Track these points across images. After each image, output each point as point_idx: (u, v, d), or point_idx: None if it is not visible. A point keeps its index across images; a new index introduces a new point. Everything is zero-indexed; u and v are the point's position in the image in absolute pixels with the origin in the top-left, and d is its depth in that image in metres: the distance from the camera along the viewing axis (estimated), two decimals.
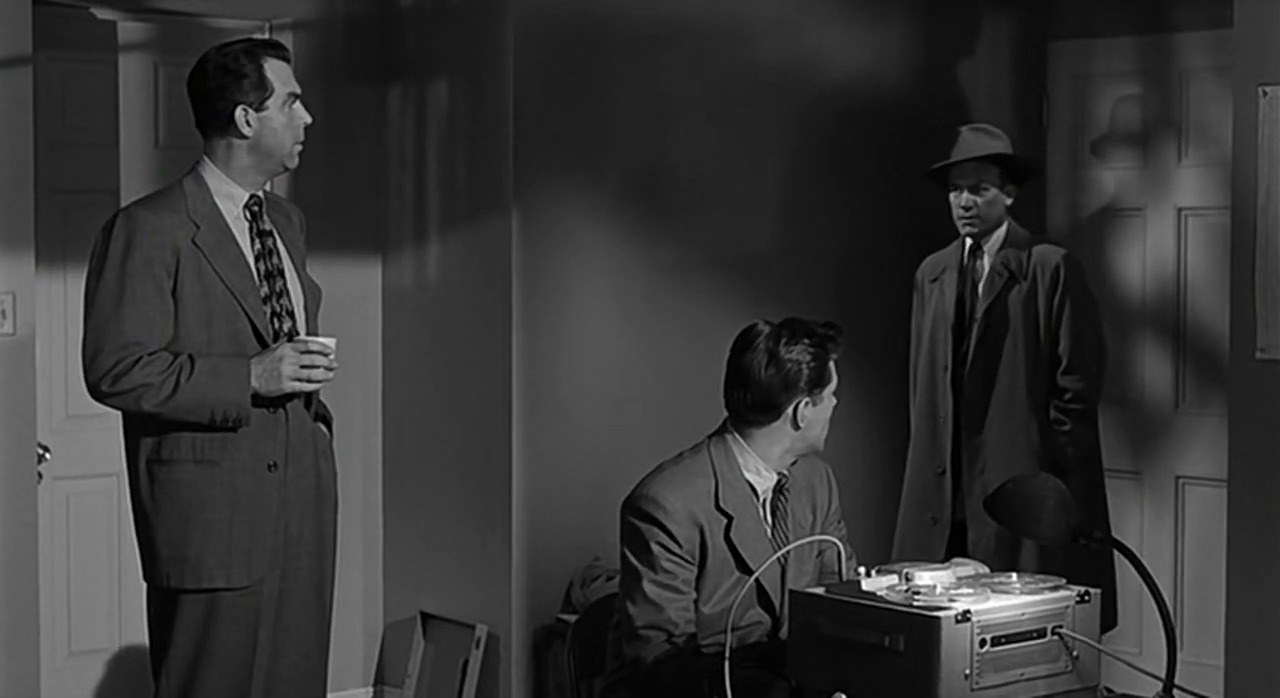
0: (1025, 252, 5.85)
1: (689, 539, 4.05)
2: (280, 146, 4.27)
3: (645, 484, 4.13)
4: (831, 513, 4.31)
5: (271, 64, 4.27)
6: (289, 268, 4.34)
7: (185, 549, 4.19)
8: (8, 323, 5.52)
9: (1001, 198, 5.88)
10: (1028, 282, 5.81)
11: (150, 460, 4.21)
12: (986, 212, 5.87)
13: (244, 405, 4.15)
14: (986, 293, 5.86)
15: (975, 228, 5.87)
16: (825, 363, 4.11)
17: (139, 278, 4.13)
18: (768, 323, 4.14)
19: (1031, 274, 5.81)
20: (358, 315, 6.32)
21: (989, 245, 5.92)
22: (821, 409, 4.14)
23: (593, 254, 6.04)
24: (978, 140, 5.90)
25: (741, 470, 4.15)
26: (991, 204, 5.87)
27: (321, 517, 4.36)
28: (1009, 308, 5.83)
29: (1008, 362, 5.83)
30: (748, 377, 4.10)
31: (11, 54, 5.50)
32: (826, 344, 4.11)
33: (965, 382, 5.87)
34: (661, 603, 4.01)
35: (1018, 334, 5.81)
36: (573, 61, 5.98)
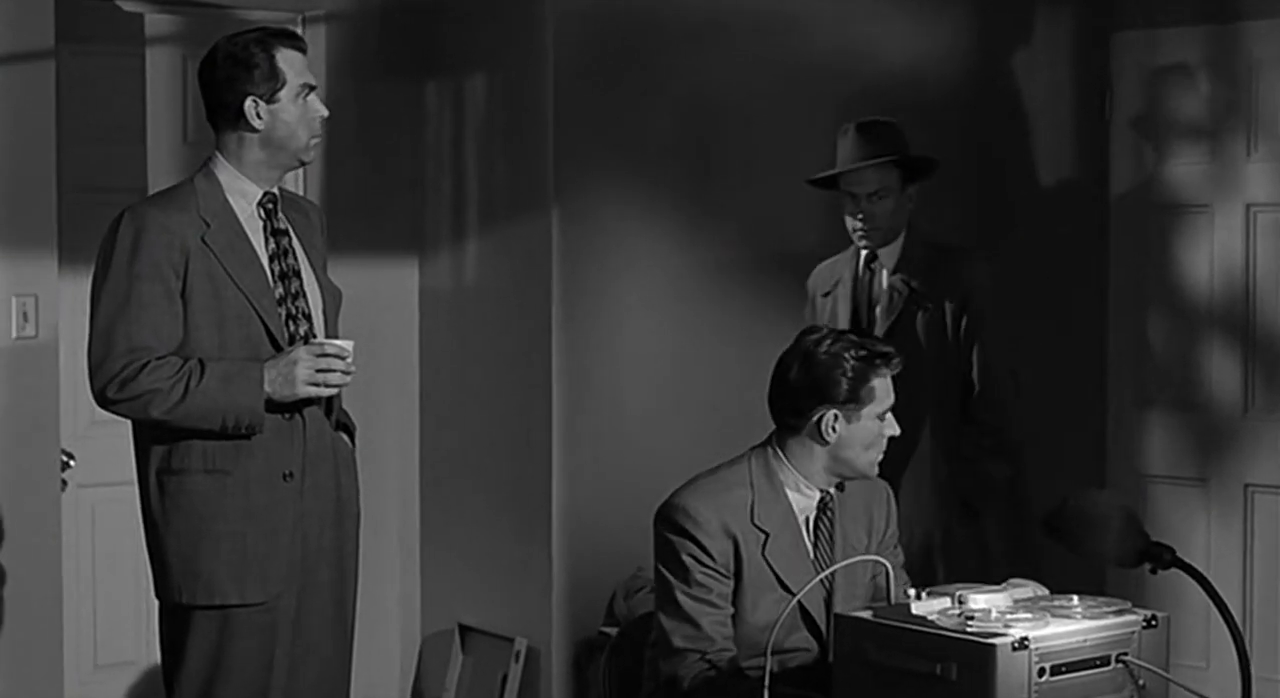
0: (930, 262, 5.22)
1: (722, 552, 3.91)
2: (294, 140, 4.12)
3: (677, 494, 4.00)
4: (888, 537, 4.14)
5: (284, 54, 4.12)
6: (306, 268, 4.20)
7: (196, 564, 4.04)
8: (29, 325, 5.40)
9: (905, 203, 5.28)
10: (935, 299, 5.20)
11: (160, 470, 4.07)
12: (890, 222, 5.24)
13: (257, 412, 4.00)
14: (886, 312, 5.21)
15: (876, 241, 5.25)
16: (866, 379, 3.92)
17: (146, 280, 3.99)
18: (828, 327, 4.01)
19: (938, 289, 5.20)
20: (394, 318, 6.22)
21: (887, 256, 5.27)
22: (857, 430, 3.94)
23: (636, 254, 5.91)
24: (874, 140, 5.24)
25: (782, 486, 3.98)
26: (894, 213, 5.25)
27: (342, 530, 4.21)
28: (913, 329, 5.18)
29: (911, 390, 5.20)
30: (783, 375, 3.99)
31: (33, 48, 5.40)
32: (874, 361, 3.93)
33: None
34: (696, 616, 3.88)
35: (923, 358, 5.12)
36: (615, 53, 5.85)
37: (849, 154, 5.26)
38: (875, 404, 3.93)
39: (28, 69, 5.37)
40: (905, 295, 5.19)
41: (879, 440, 3.96)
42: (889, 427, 3.97)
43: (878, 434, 3.95)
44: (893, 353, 3.95)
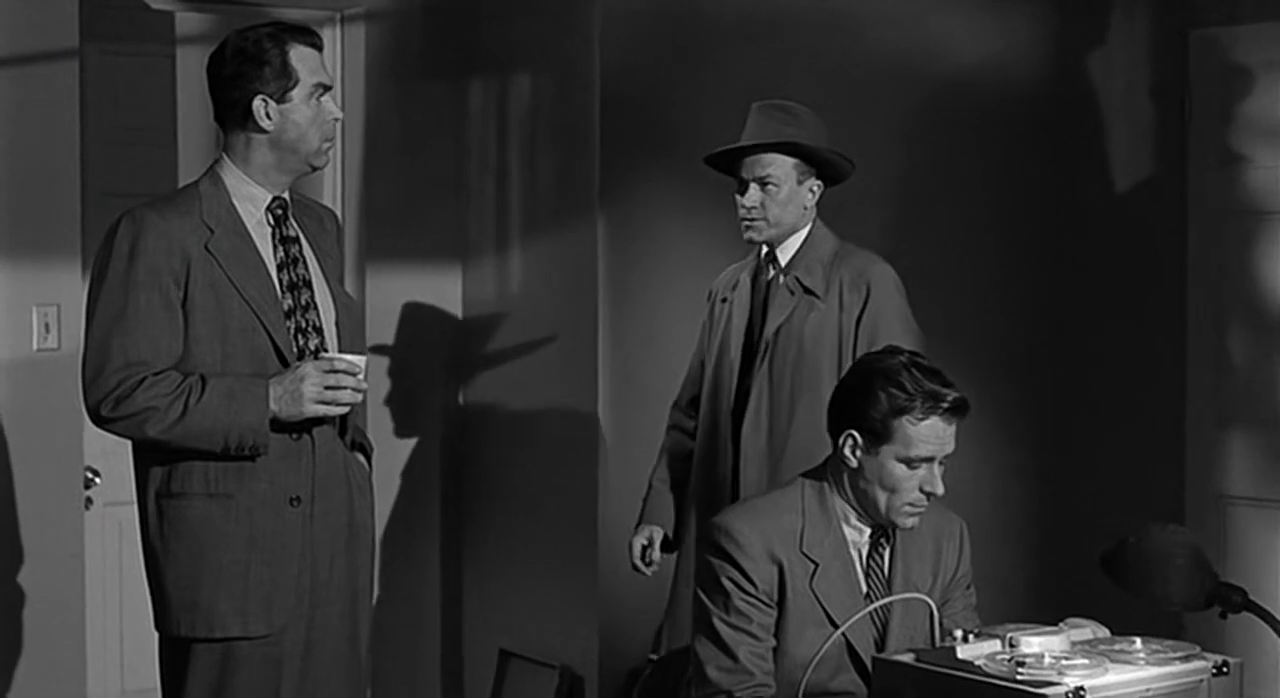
0: (831, 264, 4.78)
1: (766, 579, 3.67)
2: (304, 143, 3.91)
3: (722, 515, 3.78)
4: (958, 578, 3.87)
5: (298, 51, 3.91)
6: (318, 278, 3.98)
7: (197, 594, 3.83)
8: (51, 337, 5.25)
9: (800, 196, 4.80)
10: (830, 302, 4.73)
11: (159, 494, 3.87)
12: (777, 213, 4.78)
13: (261, 432, 3.79)
14: (775, 315, 4.77)
15: (759, 234, 4.78)
16: (895, 415, 3.62)
17: (144, 289, 3.79)
18: (909, 351, 3.75)
19: (838, 293, 4.74)
20: (436, 329, 6.09)
21: (783, 255, 4.83)
22: (875, 466, 3.66)
23: (687, 262, 5.71)
24: (769, 122, 4.82)
25: (835, 516, 3.74)
26: (784, 204, 4.78)
27: (355, 558, 4.00)
28: (802, 336, 4.73)
29: (798, 398, 4.71)
30: (834, 390, 3.82)
31: (56, 47, 5.27)
32: (917, 399, 3.62)
33: (747, 428, 4.78)
34: (733, 646, 3.65)
35: (815, 369, 4.70)
36: (665, 52, 5.70)
37: (744, 135, 4.83)
38: (900, 446, 3.63)
39: (50, 69, 5.25)
40: (798, 296, 4.75)
41: (904, 488, 3.66)
42: (924, 480, 3.66)
43: (901, 480, 3.66)
44: (948, 401, 3.63)
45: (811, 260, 4.79)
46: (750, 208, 4.77)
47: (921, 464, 3.63)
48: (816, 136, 4.83)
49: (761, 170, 4.78)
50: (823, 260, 4.79)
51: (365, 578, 4.02)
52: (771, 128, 4.79)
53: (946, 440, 3.64)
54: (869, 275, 4.75)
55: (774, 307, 4.77)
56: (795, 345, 4.71)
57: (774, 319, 4.75)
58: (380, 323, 5.90)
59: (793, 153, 4.77)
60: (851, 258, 4.81)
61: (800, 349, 4.71)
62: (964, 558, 3.86)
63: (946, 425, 3.63)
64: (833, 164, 4.83)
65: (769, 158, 4.77)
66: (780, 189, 4.77)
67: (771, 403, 4.73)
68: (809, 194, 4.82)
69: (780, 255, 4.81)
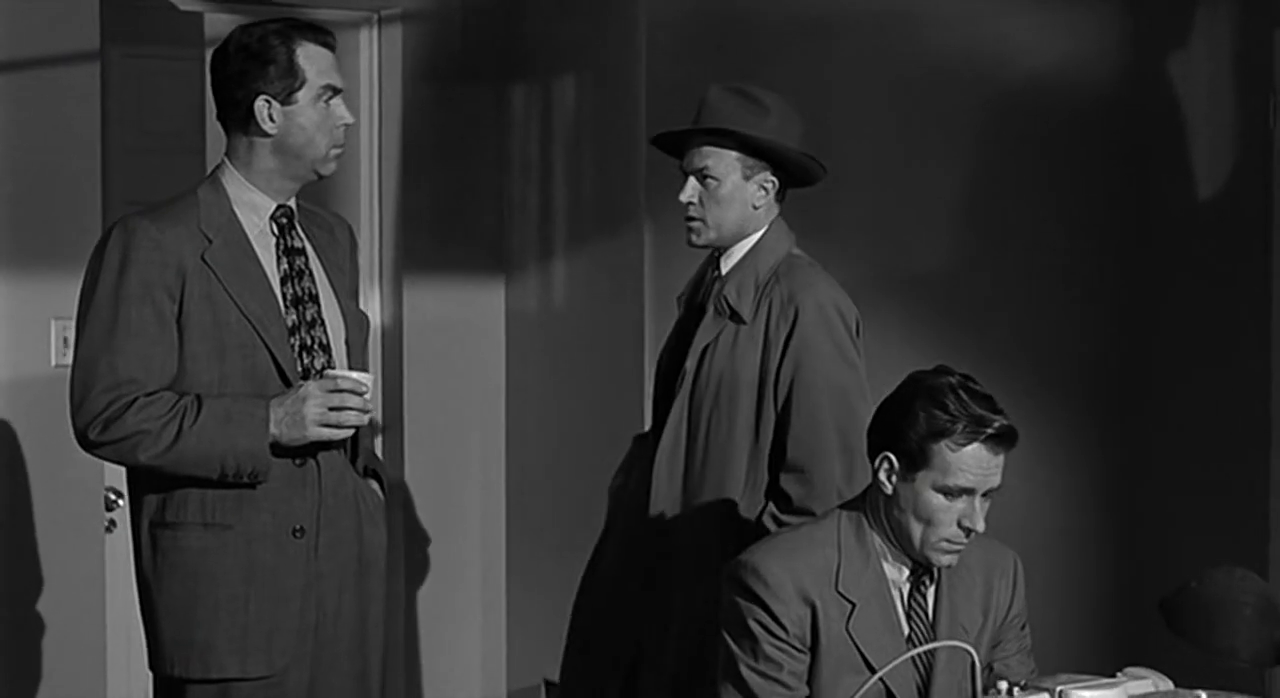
0: (768, 283, 4.16)
1: (797, 622, 3.43)
2: (311, 149, 3.71)
3: (751, 551, 3.52)
4: (1011, 618, 3.61)
5: (307, 49, 3.71)
6: (326, 293, 3.78)
7: (192, 631, 3.64)
8: (70, 352, 5.04)
9: (745, 194, 4.19)
10: (755, 330, 4.13)
11: (154, 523, 3.67)
12: (717, 214, 4.18)
13: (261, 457, 3.58)
14: (699, 338, 4.17)
15: (697, 236, 4.20)
16: (933, 440, 3.36)
17: (135, 303, 3.59)
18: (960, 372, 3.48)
19: (765, 320, 4.12)
20: (478, 343, 5.99)
21: (725, 264, 4.22)
22: (909, 494, 3.40)
23: None
24: (721, 108, 4.20)
25: (874, 552, 3.49)
26: (725, 203, 4.17)
27: (365, 593, 3.79)
28: (728, 356, 4.14)
29: (714, 438, 4.15)
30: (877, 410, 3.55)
31: (76, 49, 5.17)
32: (958, 422, 3.36)
33: (660, 464, 4.22)
34: (763, 696, 3.42)
35: (730, 410, 4.13)
36: (714, 54, 5.55)
37: (693, 120, 4.26)
38: (938, 473, 3.37)
39: (71, 73, 5.15)
40: (723, 321, 4.16)
41: (941, 521, 3.39)
42: (964, 514, 3.38)
43: (938, 511, 3.39)
44: (994, 427, 3.37)
45: (746, 276, 4.16)
46: (687, 204, 4.19)
47: (961, 496, 3.37)
48: (780, 129, 4.19)
49: (700, 162, 4.17)
50: (759, 277, 4.16)
51: (377, 614, 3.83)
52: (723, 114, 4.18)
53: (990, 472, 3.37)
54: (799, 300, 4.10)
55: (702, 326, 4.17)
56: (716, 376, 4.12)
57: (698, 342, 4.16)
58: (418, 339, 5.79)
59: (738, 143, 4.15)
60: (789, 277, 4.16)
61: (720, 382, 4.12)
62: (1018, 596, 3.61)
63: (991, 455, 3.36)
64: (791, 161, 4.21)
65: (709, 149, 4.16)
66: (720, 185, 4.16)
67: (688, 438, 4.17)
68: (758, 193, 4.18)
69: (724, 264, 4.21)
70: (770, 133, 4.16)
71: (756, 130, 4.14)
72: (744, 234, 4.18)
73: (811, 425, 4.06)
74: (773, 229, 4.22)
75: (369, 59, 5.77)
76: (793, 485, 4.05)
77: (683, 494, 4.15)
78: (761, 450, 4.10)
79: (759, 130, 4.15)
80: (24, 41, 5.06)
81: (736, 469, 4.10)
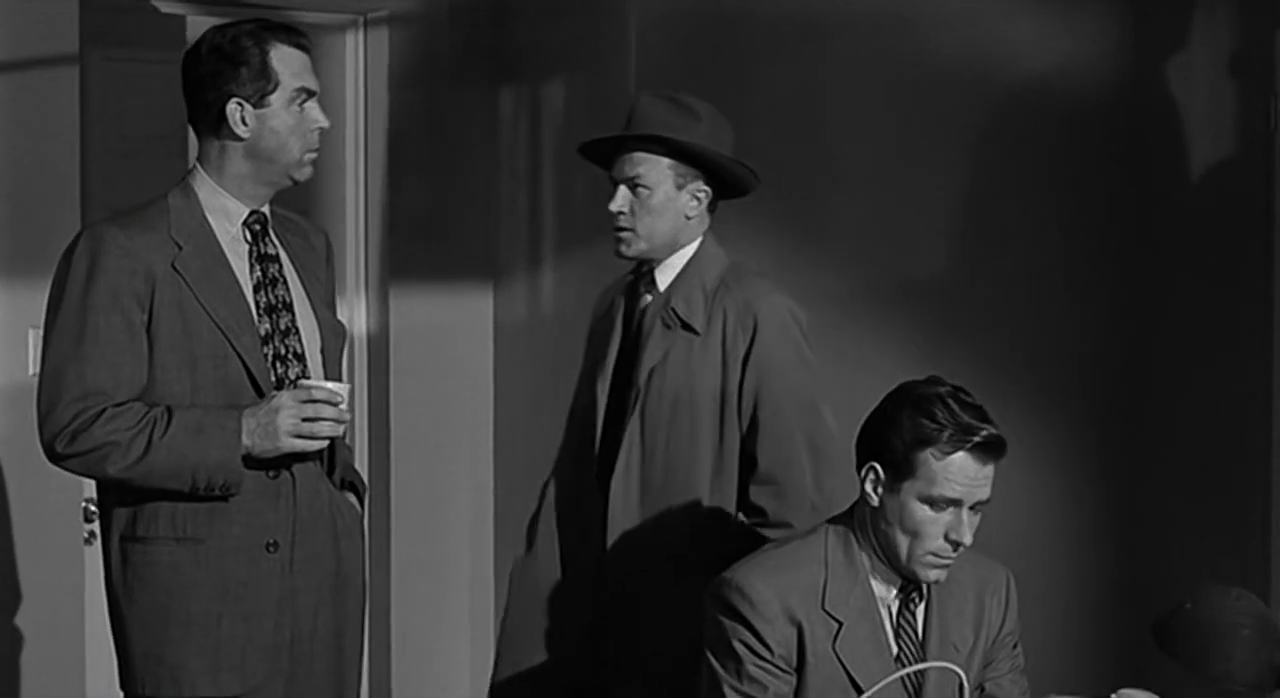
0: (715, 293, 4.07)
1: (782, 642, 3.35)
2: (284, 153, 3.63)
3: (736, 568, 3.44)
4: (1003, 637, 3.53)
5: (281, 51, 3.62)
6: (301, 301, 3.70)
7: (162, 648, 3.56)
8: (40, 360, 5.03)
9: (678, 204, 4.08)
10: (710, 340, 4.04)
11: (124, 538, 3.59)
12: (649, 224, 4.06)
13: (233, 469, 3.50)
14: (649, 352, 4.05)
15: (628, 247, 4.09)
16: (919, 449, 3.29)
17: (103, 311, 3.50)
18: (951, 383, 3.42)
19: (720, 329, 4.04)
20: (466, 351, 5.96)
21: (662, 277, 4.13)
22: (899, 508, 3.33)
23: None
24: (651, 115, 4.09)
25: (863, 569, 3.41)
26: (658, 213, 4.06)
27: (342, 609, 3.71)
28: (679, 381, 4.02)
29: (675, 455, 4.03)
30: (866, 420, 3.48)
31: (54, 52, 5.13)
32: (944, 430, 3.29)
33: (616, 485, 4.06)
34: None
35: (693, 423, 4.02)
36: (706, 57, 5.53)
37: (624, 127, 4.15)
38: (923, 483, 3.29)
39: (48, 76, 5.11)
40: (674, 333, 4.04)
41: (927, 533, 3.31)
42: (950, 526, 3.30)
43: (924, 523, 3.31)
44: (980, 436, 3.29)
45: (692, 287, 4.06)
46: (617, 214, 4.06)
47: (947, 508, 3.29)
48: (712, 136, 4.10)
49: (631, 170, 4.06)
50: (705, 287, 4.07)
51: (355, 630, 3.75)
52: (655, 121, 4.07)
53: (978, 483, 3.29)
54: (756, 309, 4.01)
55: (649, 343, 4.05)
56: (671, 392, 4.01)
57: (648, 359, 4.04)
58: (405, 346, 5.75)
59: (670, 150, 4.04)
60: (739, 286, 4.07)
61: (676, 397, 4.01)
62: (1010, 614, 3.53)
63: (978, 465, 3.28)
64: (725, 170, 4.11)
65: (640, 156, 4.04)
66: (652, 194, 4.04)
67: (644, 459, 4.03)
68: (691, 202, 4.07)
69: (659, 277, 4.10)
70: (703, 139, 4.06)
71: (689, 137, 4.05)
72: (677, 246, 4.08)
73: (781, 436, 3.99)
74: (708, 240, 4.13)
75: (354, 63, 5.73)
76: (766, 499, 3.97)
77: (640, 516, 4.03)
78: (726, 464, 4.01)
79: (692, 137, 4.05)
80: (1, 44, 5.01)
81: (700, 485, 4.00)
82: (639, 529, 4.03)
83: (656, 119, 4.06)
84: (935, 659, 3.35)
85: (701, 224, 4.11)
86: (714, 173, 4.09)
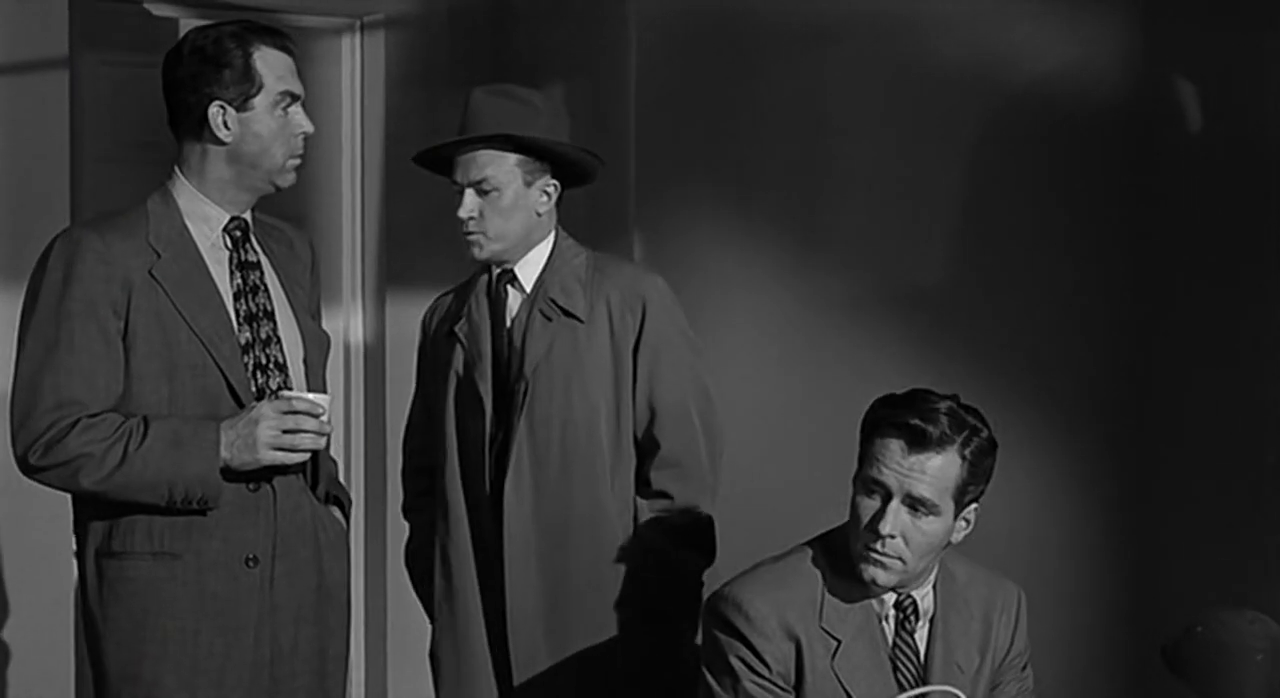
0: (590, 281, 4.04)
1: (780, 659, 3.31)
2: (266, 159, 3.57)
3: (732, 583, 3.42)
4: (1010, 659, 3.48)
5: (265, 54, 3.57)
6: (284, 309, 3.64)
7: (138, 666, 3.50)
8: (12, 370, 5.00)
9: (529, 201, 4.00)
10: (596, 327, 3.99)
11: (100, 552, 3.54)
12: (500, 225, 3.97)
13: (211, 483, 3.45)
14: (532, 346, 3.97)
15: (481, 251, 4.01)
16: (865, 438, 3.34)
17: (78, 319, 3.45)
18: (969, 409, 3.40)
19: (606, 316, 4.00)
20: None
21: (525, 275, 4.04)
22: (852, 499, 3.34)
23: (730, 286, 5.57)
24: (487, 112, 3.99)
25: (858, 583, 3.36)
26: (508, 213, 3.98)
27: (325, 626, 3.65)
28: (569, 371, 3.96)
29: (572, 444, 3.96)
30: None
31: (44, 55, 5.11)
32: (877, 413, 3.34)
33: (509, 491, 3.96)
34: None
35: (588, 412, 3.96)
36: (705, 60, 5.53)
37: (459, 127, 4.04)
38: (863, 467, 3.32)
39: (38, 80, 5.09)
40: (555, 325, 3.97)
41: (860, 521, 3.30)
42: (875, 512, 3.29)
43: (859, 509, 3.31)
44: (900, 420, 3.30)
45: (566, 277, 4.01)
46: (467, 219, 3.96)
47: (877, 493, 3.27)
48: (552, 127, 4.01)
49: (478, 173, 3.95)
50: (579, 276, 4.02)
51: (339, 648, 3.68)
52: (496, 119, 3.95)
53: (905, 473, 3.26)
54: (643, 292, 3.99)
55: (530, 339, 3.96)
56: (562, 385, 3.94)
57: (532, 354, 3.95)
58: (402, 356, 5.61)
59: (517, 147, 3.95)
60: (613, 271, 4.04)
61: (567, 389, 3.95)
62: (1019, 634, 3.48)
63: (903, 450, 3.27)
64: (573, 161, 4.03)
65: (485, 156, 3.93)
66: (502, 194, 3.94)
67: (535, 457, 3.95)
68: (541, 198, 4.00)
69: (521, 275, 4.01)
70: (545, 131, 3.98)
71: (532, 130, 3.96)
72: (531, 243, 4.01)
73: (681, 418, 3.98)
74: (559, 233, 4.08)
75: (351, 67, 5.69)
76: (670, 482, 3.96)
77: (536, 516, 3.95)
78: (623, 451, 3.98)
79: (535, 130, 3.96)
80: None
81: (600, 476, 3.95)
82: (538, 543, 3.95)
83: (498, 116, 3.95)
84: (938, 680, 3.31)
85: (551, 218, 4.05)
86: (559, 163, 4.01)
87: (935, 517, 3.24)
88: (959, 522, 3.30)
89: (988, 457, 3.30)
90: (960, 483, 3.26)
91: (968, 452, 3.26)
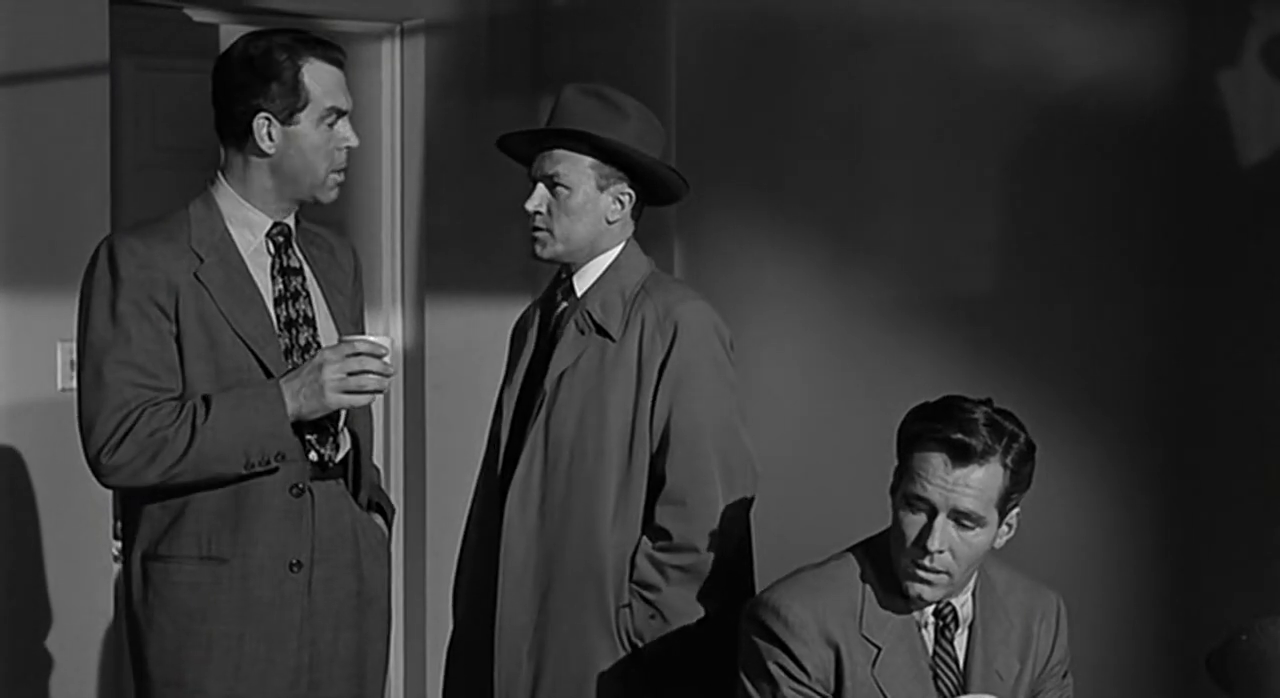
0: (635, 299, 3.84)
1: (820, 666, 3.29)
2: (309, 174, 3.56)
3: (772, 590, 3.40)
4: (1051, 667, 3.45)
5: (314, 67, 3.54)
6: (324, 316, 3.64)
7: (182, 671, 3.50)
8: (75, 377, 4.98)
9: (599, 206, 3.84)
10: (626, 346, 3.81)
11: (146, 556, 3.54)
12: (567, 225, 3.84)
13: (284, 437, 3.46)
14: (560, 357, 3.84)
15: (543, 249, 3.86)
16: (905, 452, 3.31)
17: (132, 319, 3.46)
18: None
19: (638, 335, 3.81)
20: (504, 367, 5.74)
21: (581, 283, 3.90)
22: (894, 514, 3.31)
23: (771, 294, 5.56)
24: (575, 110, 3.87)
25: (898, 591, 3.34)
26: (576, 214, 3.84)
27: (364, 632, 3.64)
28: (594, 381, 3.81)
29: (579, 467, 3.80)
30: None
31: (85, 61, 5.08)
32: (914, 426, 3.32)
33: (513, 499, 3.86)
34: None
35: (599, 432, 3.79)
36: (747, 68, 5.53)
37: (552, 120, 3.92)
38: (905, 482, 3.29)
39: (79, 86, 5.05)
40: (588, 338, 3.82)
41: (905, 538, 3.27)
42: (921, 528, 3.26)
43: (904, 526, 3.28)
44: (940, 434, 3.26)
45: (611, 292, 3.84)
46: (534, 213, 3.82)
47: (921, 510, 3.24)
48: (640, 137, 3.86)
49: (551, 167, 3.82)
50: (625, 293, 3.84)
51: (377, 655, 3.68)
52: (577, 116, 3.83)
53: (949, 488, 3.23)
54: (677, 315, 3.78)
55: (560, 349, 3.83)
56: (580, 399, 3.78)
57: (558, 363, 3.81)
58: (442, 362, 5.68)
59: (593, 148, 3.81)
60: (657, 292, 3.84)
61: (584, 405, 3.79)
62: (1060, 642, 3.45)
63: (946, 464, 3.23)
64: (650, 172, 3.87)
65: (560, 153, 3.80)
66: (572, 194, 3.79)
67: (545, 470, 3.80)
68: (614, 205, 3.84)
69: (578, 283, 3.87)
70: (628, 139, 3.83)
71: (614, 135, 3.82)
72: (596, 251, 3.85)
73: (693, 453, 3.75)
74: (630, 247, 3.90)
75: (391, 72, 5.67)
76: (671, 520, 3.72)
77: (538, 532, 3.80)
78: (634, 480, 3.77)
79: (617, 135, 3.82)
80: (30, 52, 4.97)
81: (604, 501, 3.77)
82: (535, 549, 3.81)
83: (580, 115, 3.83)
84: (978, 689, 3.29)
85: (625, 230, 3.88)
86: (639, 176, 3.86)
87: (981, 528, 3.22)
88: (1002, 527, 3.28)
89: (1028, 462, 3.28)
90: (1004, 492, 3.24)
91: (1009, 460, 3.24)
